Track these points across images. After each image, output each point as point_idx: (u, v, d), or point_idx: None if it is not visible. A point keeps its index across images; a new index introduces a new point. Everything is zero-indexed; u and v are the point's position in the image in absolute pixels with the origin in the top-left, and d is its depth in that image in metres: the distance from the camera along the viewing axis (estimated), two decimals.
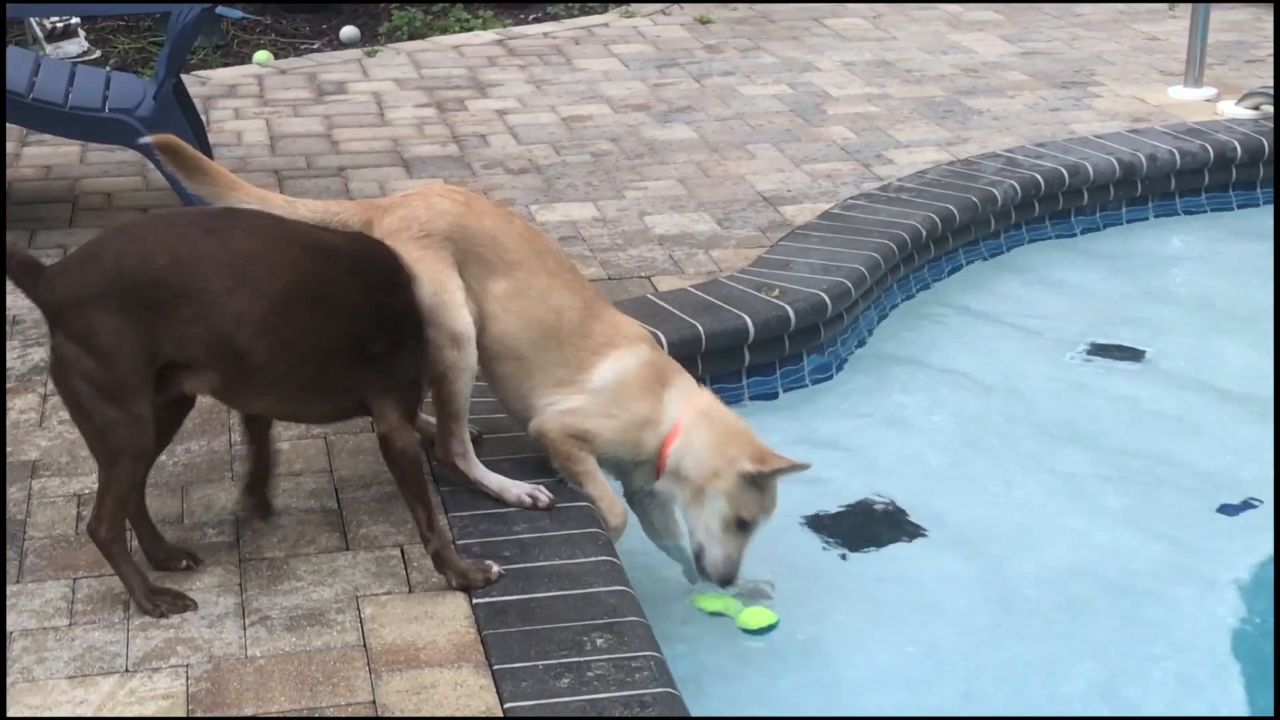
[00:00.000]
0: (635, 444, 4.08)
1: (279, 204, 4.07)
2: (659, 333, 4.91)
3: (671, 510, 4.23)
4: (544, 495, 4.09)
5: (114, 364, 3.50)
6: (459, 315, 3.99)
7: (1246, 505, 4.79)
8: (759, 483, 3.96)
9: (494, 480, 4.13)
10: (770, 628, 4.08)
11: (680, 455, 4.03)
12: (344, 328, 3.65)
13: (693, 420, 4.04)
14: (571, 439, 4.07)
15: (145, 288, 3.47)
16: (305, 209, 4.07)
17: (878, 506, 4.74)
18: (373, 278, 3.73)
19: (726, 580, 4.03)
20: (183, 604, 3.65)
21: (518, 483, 4.12)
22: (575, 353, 4.07)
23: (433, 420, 4.22)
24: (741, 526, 3.98)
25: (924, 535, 4.60)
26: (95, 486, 3.73)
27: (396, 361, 3.73)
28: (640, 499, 4.25)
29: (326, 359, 3.66)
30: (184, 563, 3.82)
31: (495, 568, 3.76)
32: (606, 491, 4.12)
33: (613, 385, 4.06)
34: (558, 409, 4.08)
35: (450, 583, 3.72)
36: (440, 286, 3.98)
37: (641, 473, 4.16)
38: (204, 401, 4.65)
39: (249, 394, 3.76)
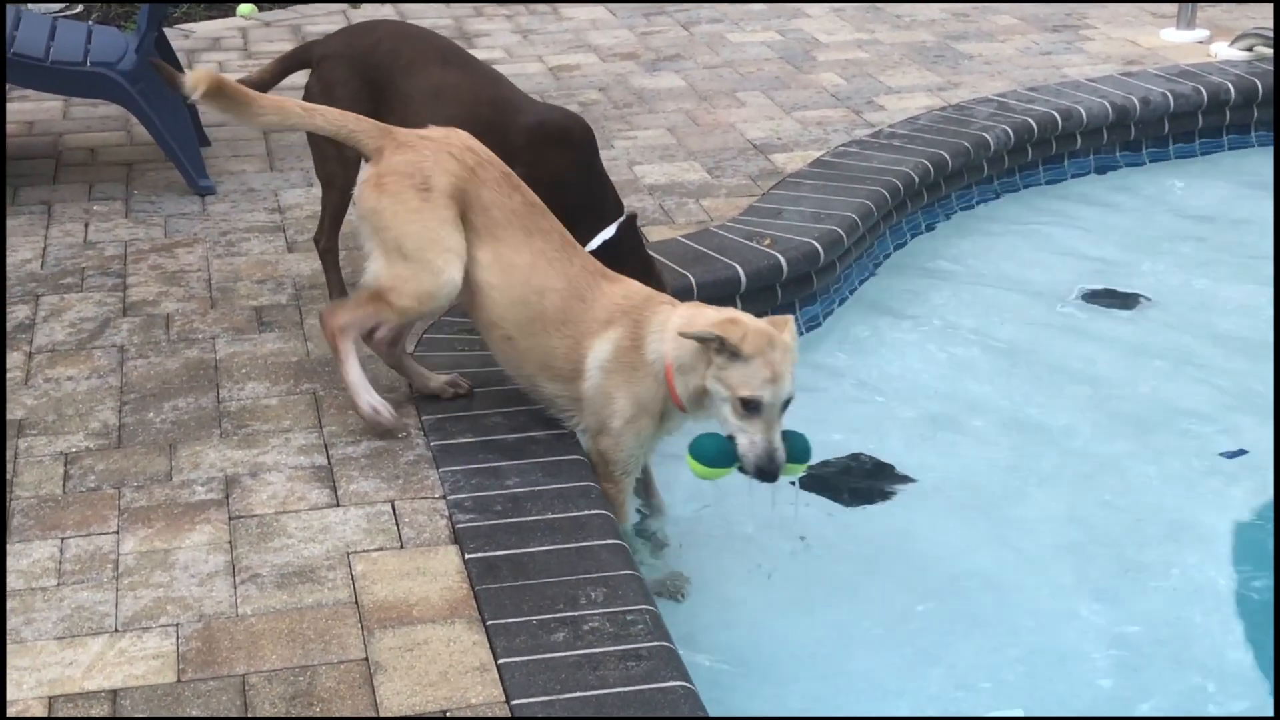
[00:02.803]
0: (651, 418, 3.94)
1: (296, 111, 4.14)
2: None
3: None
4: (387, 415, 4.13)
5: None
6: (438, 275, 3.98)
7: (1240, 453, 4.77)
8: (723, 351, 3.68)
9: (356, 375, 4.13)
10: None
11: (680, 384, 3.87)
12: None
13: (673, 346, 3.84)
14: (605, 466, 4.00)
15: (371, 66, 4.74)
16: (321, 118, 4.12)
17: (869, 456, 4.71)
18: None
19: (762, 472, 3.72)
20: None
21: (375, 395, 4.14)
22: (563, 341, 3.99)
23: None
24: (749, 407, 3.69)
25: (915, 482, 4.58)
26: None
27: None
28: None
29: None
30: None
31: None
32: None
33: (602, 384, 3.95)
34: (591, 443, 4.04)
35: None
36: (431, 240, 3.97)
37: (675, 418, 4.01)
38: (191, 358, 4.63)
39: None
